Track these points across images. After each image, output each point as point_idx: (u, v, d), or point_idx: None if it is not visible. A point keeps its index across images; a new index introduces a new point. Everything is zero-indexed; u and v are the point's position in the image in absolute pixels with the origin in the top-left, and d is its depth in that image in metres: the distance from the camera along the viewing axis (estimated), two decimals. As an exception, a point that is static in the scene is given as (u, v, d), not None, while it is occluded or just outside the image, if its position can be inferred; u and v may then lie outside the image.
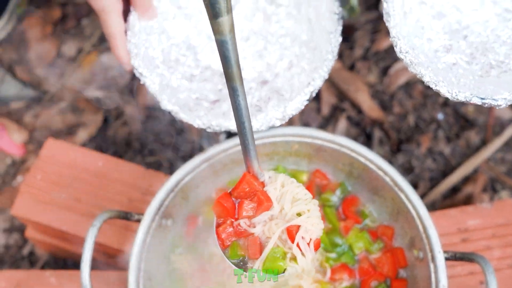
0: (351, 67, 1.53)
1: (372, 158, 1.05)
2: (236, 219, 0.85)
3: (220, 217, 0.85)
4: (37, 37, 1.58)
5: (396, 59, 1.53)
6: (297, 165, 1.15)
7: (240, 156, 0.88)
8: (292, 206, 0.86)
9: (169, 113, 1.04)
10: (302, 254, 0.84)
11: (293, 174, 1.12)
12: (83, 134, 1.48)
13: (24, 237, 1.37)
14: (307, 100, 1.05)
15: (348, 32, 1.54)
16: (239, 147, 1.08)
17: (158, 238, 1.05)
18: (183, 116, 1.05)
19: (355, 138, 1.47)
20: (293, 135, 1.09)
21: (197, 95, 1.10)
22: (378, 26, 1.56)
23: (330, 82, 1.51)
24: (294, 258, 0.85)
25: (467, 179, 1.40)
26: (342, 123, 1.48)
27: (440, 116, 1.48)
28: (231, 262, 0.85)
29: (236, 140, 1.08)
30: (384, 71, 1.53)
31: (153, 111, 1.46)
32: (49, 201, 1.18)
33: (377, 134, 1.47)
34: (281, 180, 0.87)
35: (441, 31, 1.00)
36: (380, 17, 1.57)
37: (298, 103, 1.05)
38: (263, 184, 0.87)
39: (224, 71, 0.75)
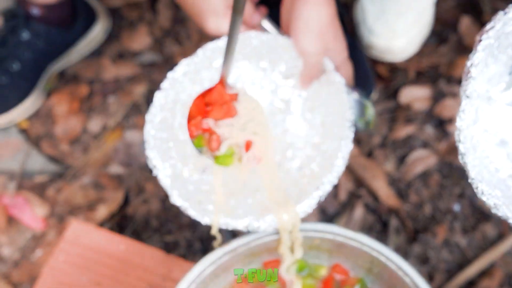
0: (369, 154, 1.57)
1: (392, 258, 1.07)
2: (205, 118, 1.10)
3: (192, 115, 1.08)
4: (64, 113, 1.63)
5: (413, 148, 1.56)
6: (318, 259, 1.16)
7: (261, 248, 0.96)
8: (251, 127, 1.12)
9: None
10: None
11: (314, 268, 1.14)
12: (103, 211, 1.51)
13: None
14: (316, 204, 1.08)
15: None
16: (260, 241, 1.11)
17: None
18: (192, 213, 1.07)
19: (371, 226, 1.49)
20: (315, 231, 1.11)
21: (207, 187, 1.12)
22: (396, 115, 1.60)
23: (348, 168, 1.54)
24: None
25: (483, 273, 1.41)
26: (359, 210, 1.50)
27: (456, 207, 1.50)
28: (196, 149, 1.08)
29: (257, 234, 1.10)
30: (401, 160, 1.56)
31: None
32: (70, 284, 1.19)
33: (393, 222, 1.49)
34: (253, 106, 1.12)
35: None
36: (398, 106, 1.61)
37: (306, 206, 1.08)
38: (232, 97, 1.11)
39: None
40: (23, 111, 1.60)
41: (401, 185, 1.53)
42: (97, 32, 1.69)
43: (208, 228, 1.43)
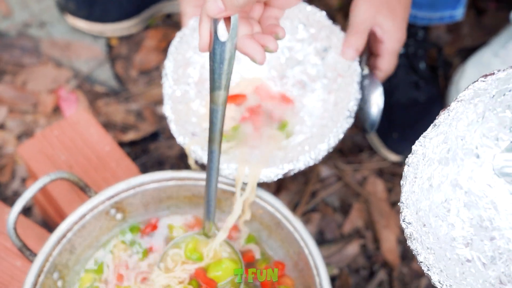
0: (393, 205, 1.47)
1: (313, 253, 1.01)
2: None
3: None
4: (149, 47, 1.72)
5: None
6: (258, 234, 1.12)
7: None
8: None
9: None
10: None
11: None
12: (131, 136, 1.57)
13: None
14: (282, 175, 1.05)
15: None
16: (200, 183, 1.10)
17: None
18: (173, 127, 1.10)
19: (358, 268, 1.39)
20: (262, 199, 1.07)
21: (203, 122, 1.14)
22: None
23: (366, 206, 1.46)
24: None
25: None
26: (354, 248, 1.41)
27: (454, 294, 1.36)
28: None
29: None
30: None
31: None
32: (48, 155, 1.25)
33: (381, 276, 1.38)
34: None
35: (467, 222, 0.88)
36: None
37: (271, 173, 1.06)
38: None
39: (209, 134, 0.93)
40: (118, 29, 1.72)
41: (410, 249, 1.42)
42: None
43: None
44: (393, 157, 1.49)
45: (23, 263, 1.14)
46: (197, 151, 1.08)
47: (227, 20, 0.84)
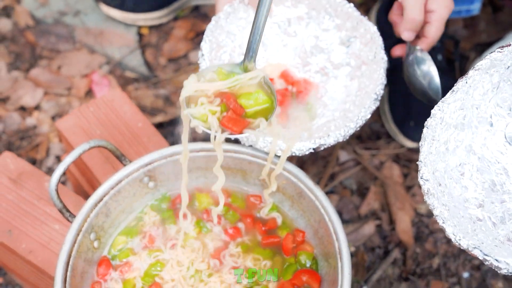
0: (409, 188, 1.54)
1: (333, 220, 1.07)
2: None
3: None
4: (178, 37, 1.81)
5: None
6: (282, 205, 1.19)
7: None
8: None
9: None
10: None
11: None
12: (159, 119, 1.65)
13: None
14: (312, 149, 1.12)
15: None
16: (238, 155, 1.17)
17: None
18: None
19: (373, 247, 1.46)
20: (287, 170, 1.14)
21: None
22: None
23: (383, 189, 1.53)
24: None
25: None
26: (370, 228, 1.48)
27: (465, 274, 1.42)
28: None
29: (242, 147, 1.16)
30: (438, 209, 1.51)
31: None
32: (84, 129, 1.33)
33: (395, 254, 1.44)
34: None
35: (480, 185, 0.96)
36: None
37: (302, 146, 1.12)
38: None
39: None
40: (149, 19, 1.80)
41: (424, 230, 1.48)
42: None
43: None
44: (409, 144, 1.56)
45: (61, 226, 1.22)
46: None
47: None
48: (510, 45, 0.89)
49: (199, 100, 1.04)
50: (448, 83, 1.59)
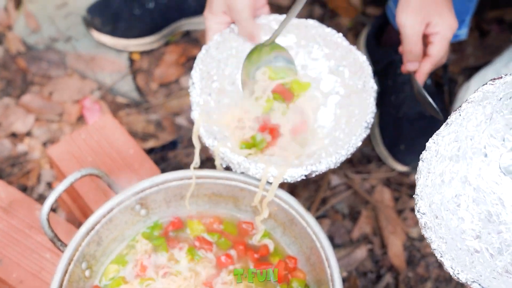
0: (400, 212, 1.54)
1: (325, 246, 1.08)
2: None
3: None
4: (169, 62, 1.82)
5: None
6: (273, 231, 1.19)
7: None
8: None
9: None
10: None
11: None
12: (150, 144, 1.65)
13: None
14: (304, 176, 1.13)
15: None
16: (228, 182, 1.17)
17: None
18: (202, 131, 1.17)
19: (365, 272, 1.46)
20: (278, 197, 1.15)
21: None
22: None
23: (374, 214, 1.53)
24: None
25: None
26: (362, 253, 1.48)
27: (457, 298, 1.42)
28: None
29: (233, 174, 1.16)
30: (429, 233, 1.51)
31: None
32: (76, 156, 1.33)
33: (387, 279, 1.44)
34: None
35: (476, 216, 0.96)
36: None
37: (294, 173, 1.13)
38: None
39: None
40: (140, 44, 1.81)
41: (416, 254, 1.49)
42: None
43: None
44: (400, 167, 1.57)
45: (52, 255, 1.22)
46: (226, 153, 1.14)
47: None
48: (501, 77, 0.90)
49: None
50: (437, 106, 1.61)
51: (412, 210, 1.54)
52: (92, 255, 1.14)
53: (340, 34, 1.26)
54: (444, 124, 0.92)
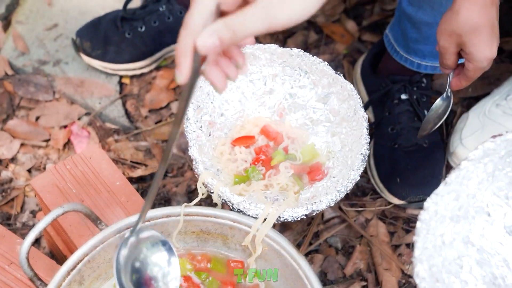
0: (395, 248, 1.50)
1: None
2: None
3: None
4: (160, 87, 1.77)
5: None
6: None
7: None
8: None
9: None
10: None
11: None
12: (139, 173, 1.60)
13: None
14: (303, 216, 1.09)
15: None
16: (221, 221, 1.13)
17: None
18: (200, 167, 1.13)
19: (359, 309, 1.41)
20: (270, 237, 1.10)
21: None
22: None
23: (369, 248, 1.49)
24: None
25: None
26: (356, 290, 1.43)
27: None
28: None
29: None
30: (425, 269, 1.46)
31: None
32: (60, 188, 1.28)
33: (382, 318, 1.39)
34: None
35: (480, 279, 0.90)
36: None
37: (293, 213, 1.09)
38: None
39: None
40: (130, 69, 1.77)
41: (412, 292, 1.44)
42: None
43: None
44: (396, 201, 1.52)
45: (32, 293, 1.16)
46: (225, 192, 1.11)
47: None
48: (502, 134, 0.86)
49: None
50: (434, 138, 1.57)
51: (408, 245, 1.50)
52: (73, 295, 1.08)
53: (326, 63, 1.23)
54: (443, 183, 0.87)
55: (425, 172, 1.52)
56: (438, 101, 1.28)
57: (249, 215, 1.10)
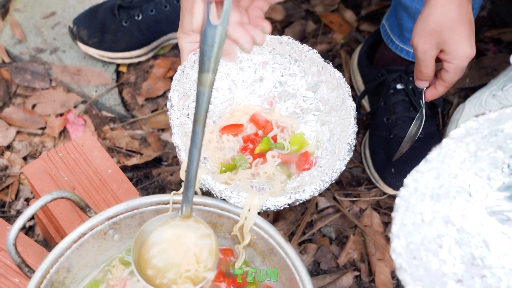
0: (389, 238, 1.49)
1: (303, 277, 1.03)
2: None
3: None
4: (157, 75, 1.77)
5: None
6: (253, 261, 1.14)
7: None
8: None
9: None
10: None
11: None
12: (134, 161, 1.60)
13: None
14: (287, 205, 1.08)
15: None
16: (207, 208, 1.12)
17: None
18: (183, 155, 1.13)
19: (351, 299, 1.41)
20: (258, 226, 1.09)
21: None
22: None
23: (363, 239, 1.48)
24: None
25: None
26: (348, 280, 1.43)
27: (446, 330, 1.37)
28: None
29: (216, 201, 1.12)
30: (419, 260, 1.46)
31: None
32: (52, 175, 1.28)
33: (374, 308, 1.39)
34: None
35: (459, 259, 0.90)
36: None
37: (277, 202, 1.09)
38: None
39: (194, 116, 0.88)
40: (127, 57, 1.76)
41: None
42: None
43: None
44: (390, 191, 1.52)
45: (21, 280, 1.16)
46: (207, 180, 1.10)
47: (220, 4, 0.82)
48: (484, 114, 0.85)
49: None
50: (430, 129, 1.56)
51: (402, 236, 1.49)
52: (61, 282, 1.08)
53: (315, 51, 1.22)
54: (424, 160, 0.87)
55: (420, 162, 1.51)
56: (414, 121, 1.30)
57: (232, 204, 1.09)
